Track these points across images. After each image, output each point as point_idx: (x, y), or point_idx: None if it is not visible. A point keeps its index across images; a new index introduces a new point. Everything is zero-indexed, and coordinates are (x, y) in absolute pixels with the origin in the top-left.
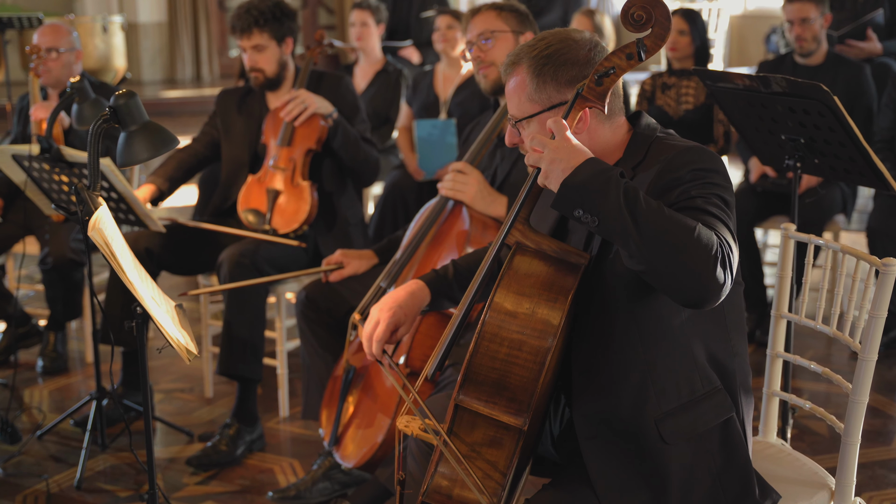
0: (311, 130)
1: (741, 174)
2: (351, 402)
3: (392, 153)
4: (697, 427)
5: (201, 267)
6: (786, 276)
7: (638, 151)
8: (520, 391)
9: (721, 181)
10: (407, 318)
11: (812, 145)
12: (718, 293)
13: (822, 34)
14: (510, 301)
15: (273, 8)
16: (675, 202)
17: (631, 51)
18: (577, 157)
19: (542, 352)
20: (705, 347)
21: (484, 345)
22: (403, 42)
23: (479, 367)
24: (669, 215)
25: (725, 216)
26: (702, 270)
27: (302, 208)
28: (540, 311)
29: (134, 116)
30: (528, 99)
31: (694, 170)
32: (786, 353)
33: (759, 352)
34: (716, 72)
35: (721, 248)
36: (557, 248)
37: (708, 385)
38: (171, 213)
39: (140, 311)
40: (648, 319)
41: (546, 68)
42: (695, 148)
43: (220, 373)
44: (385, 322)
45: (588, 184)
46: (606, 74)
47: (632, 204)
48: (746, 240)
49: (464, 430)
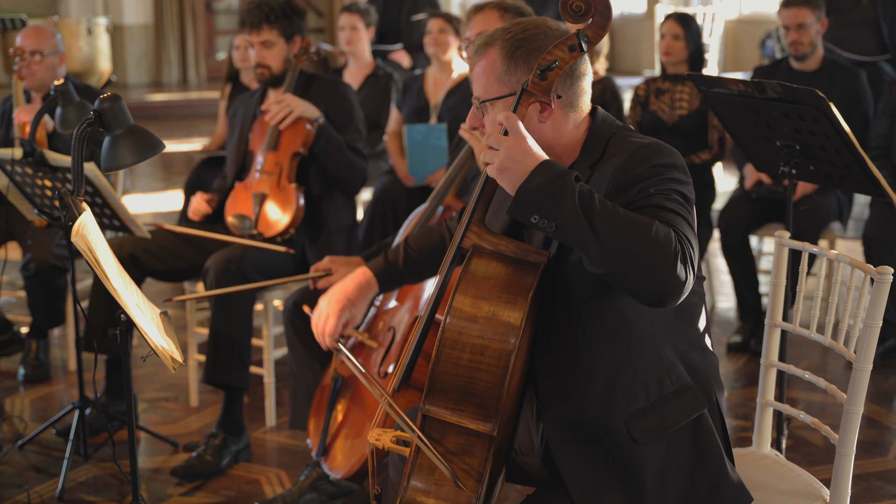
0: (297, 134)
1: (736, 181)
2: (339, 411)
3: (381, 158)
4: (668, 425)
5: (187, 273)
6: (780, 285)
7: (595, 149)
8: (486, 397)
9: (680, 176)
10: (357, 311)
11: (807, 152)
12: (680, 290)
13: (818, 39)
14: (469, 305)
15: (284, 5)
16: (633, 200)
17: (572, 42)
18: (531, 160)
19: (504, 354)
20: (673, 345)
21: (446, 352)
22: (393, 45)
23: (443, 375)
24: (625, 216)
25: (685, 211)
26: (661, 269)
27: (287, 211)
28: (500, 313)
29: (119, 120)
30: (496, 80)
31: (652, 166)
32: (780, 362)
33: (754, 361)
34: (710, 77)
35: (680, 245)
36: (516, 248)
37: (677, 382)
38: (156, 219)
39: (124, 319)
40: (613, 318)
41: (519, 52)
42: (652, 144)
43: (205, 381)
44: (335, 316)
45: (543, 189)
46: (549, 68)
47: (587, 208)
48: (740, 247)
49: (434, 440)
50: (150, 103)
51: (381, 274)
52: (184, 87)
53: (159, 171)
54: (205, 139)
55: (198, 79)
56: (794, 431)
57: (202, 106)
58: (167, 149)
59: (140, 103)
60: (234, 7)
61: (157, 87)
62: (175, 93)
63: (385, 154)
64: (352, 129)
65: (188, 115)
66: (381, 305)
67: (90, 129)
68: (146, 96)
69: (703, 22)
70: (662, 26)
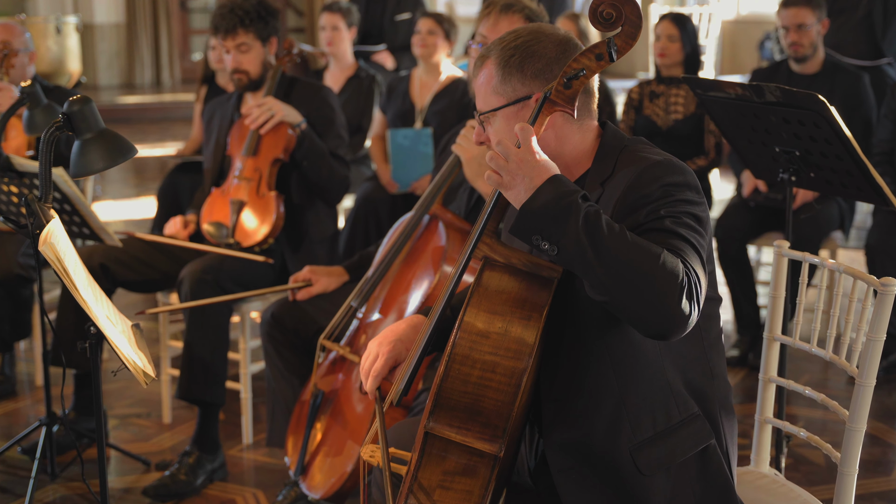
0: (278, 139)
1: (733, 188)
2: (319, 428)
3: (364, 164)
4: (675, 456)
5: (160, 284)
6: (779, 297)
7: (606, 164)
8: (494, 416)
9: (692, 196)
10: (408, 352)
11: (808, 158)
12: (684, 326)
13: (819, 41)
14: (481, 320)
15: (257, 7)
16: (642, 223)
17: (601, 51)
18: (539, 174)
19: (517, 373)
20: (681, 372)
21: (455, 368)
22: (377, 46)
23: (451, 392)
24: (633, 243)
25: (696, 237)
26: (666, 303)
27: (267, 219)
28: (513, 329)
29: (89, 123)
30: (493, 91)
31: (664, 185)
32: (779, 377)
33: (752, 376)
34: (706, 80)
35: (687, 278)
36: (528, 262)
37: (685, 412)
38: (127, 227)
39: (94, 331)
40: (620, 344)
41: (512, 59)
42: (664, 162)
43: (179, 397)
44: (384, 357)
45: (547, 209)
46: (576, 76)
47: (593, 232)
48: (738, 257)
49: (435, 459)
50: (122, 106)
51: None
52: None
53: (131, 176)
54: (179, 143)
55: (172, 80)
56: (793, 450)
57: (177, 109)
58: (140, 153)
59: (111, 106)
60: (211, 6)
61: (130, 88)
62: (148, 95)
63: (367, 159)
64: (333, 134)
65: (162, 118)
66: (364, 318)
67: (59, 133)
68: (118, 98)
69: (700, 23)
70: (657, 27)
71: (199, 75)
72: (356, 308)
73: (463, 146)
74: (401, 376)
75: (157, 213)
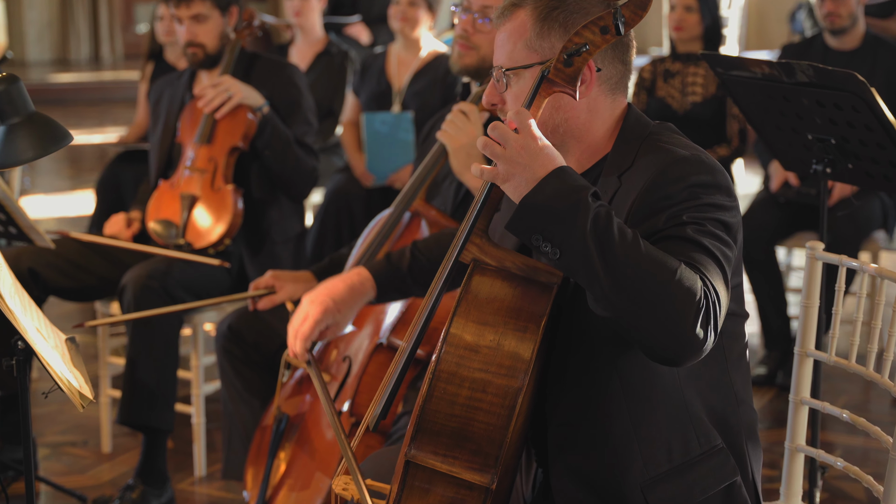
0: (237, 125)
1: (759, 181)
2: (283, 458)
3: (335, 153)
4: (694, 495)
5: (99, 291)
6: (812, 306)
7: (626, 153)
8: (485, 442)
9: (722, 200)
10: (342, 314)
11: (845, 147)
12: (697, 353)
13: (860, 11)
14: (470, 332)
15: None
16: (662, 228)
17: (606, 23)
18: (543, 164)
19: (511, 393)
20: (703, 398)
21: (440, 387)
22: (350, 18)
23: (435, 415)
24: (647, 254)
25: (721, 248)
26: (679, 326)
27: (222, 217)
28: (507, 343)
29: (16, 106)
30: (525, 46)
31: (690, 186)
32: (813, 399)
33: (781, 398)
34: (729, 57)
35: (706, 299)
36: (523, 265)
37: (706, 444)
38: (61, 225)
39: (21, 347)
40: (633, 363)
41: (556, 13)
42: (692, 158)
43: (120, 422)
44: (314, 318)
45: (552, 205)
46: (577, 52)
47: (602, 236)
48: (766, 261)
49: (417, 492)
50: (55, 85)
51: (380, 276)
52: (96, 66)
53: (66, 167)
54: (121, 129)
55: (113, 56)
56: (829, 482)
57: (118, 89)
58: (75, 141)
59: (42, 85)
60: None
61: (64, 65)
62: (85, 72)
63: (339, 148)
64: (300, 119)
65: (101, 99)
66: None
67: None
68: (50, 76)
69: None
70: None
71: (145, 50)
72: None
73: (450, 133)
74: (378, 396)
75: (96, 210)
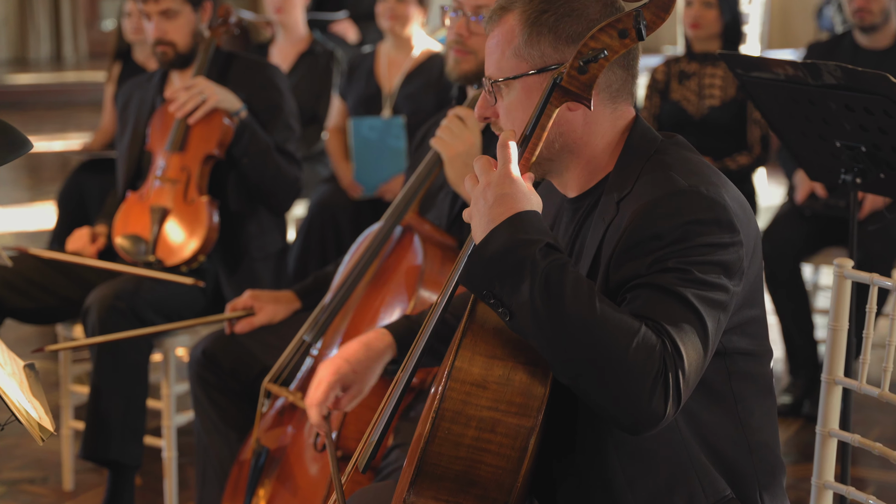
0: (212, 131)
1: (784, 192)
2: (262, 495)
3: (320, 162)
4: None
5: (61, 313)
6: (841, 329)
7: (627, 175)
8: (493, 486)
9: (720, 238)
10: (359, 378)
11: (876, 155)
12: (654, 425)
13: (893, 6)
14: (477, 366)
15: None
16: (643, 274)
17: (625, 26)
18: (503, 208)
19: (522, 433)
20: (707, 446)
21: (444, 427)
22: (336, 14)
23: (438, 457)
24: (601, 318)
25: (708, 298)
26: (632, 399)
27: (196, 231)
28: (518, 377)
29: None
30: (513, 54)
31: (685, 224)
32: (842, 431)
33: (808, 429)
34: (750, 57)
35: (664, 365)
36: None
37: (713, 495)
38: (19, 241)
39: None
40: None
41: (544, 17)
42: (690, 192)
43: (84, 457)
44: (326, 381)
45: (497, 261)
46: (594, 59)
47: (552, 300)
48: (790, 279)
49: None
50: (12, 87)
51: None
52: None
53: (24, 177)
54: (86, 135)
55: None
56: None
57: (82, 91)
58: (35, 148)
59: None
60: None
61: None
62: (45, 73)
63: (324, 156)
64: (281, 125)
65: (63, 102)
66: (320, 356)
67: None
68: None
69: None
70: None
71: (112, 49)
72: (310, 343)
73: (445, 140)
74: (369, 433)
75: (58, 224)
